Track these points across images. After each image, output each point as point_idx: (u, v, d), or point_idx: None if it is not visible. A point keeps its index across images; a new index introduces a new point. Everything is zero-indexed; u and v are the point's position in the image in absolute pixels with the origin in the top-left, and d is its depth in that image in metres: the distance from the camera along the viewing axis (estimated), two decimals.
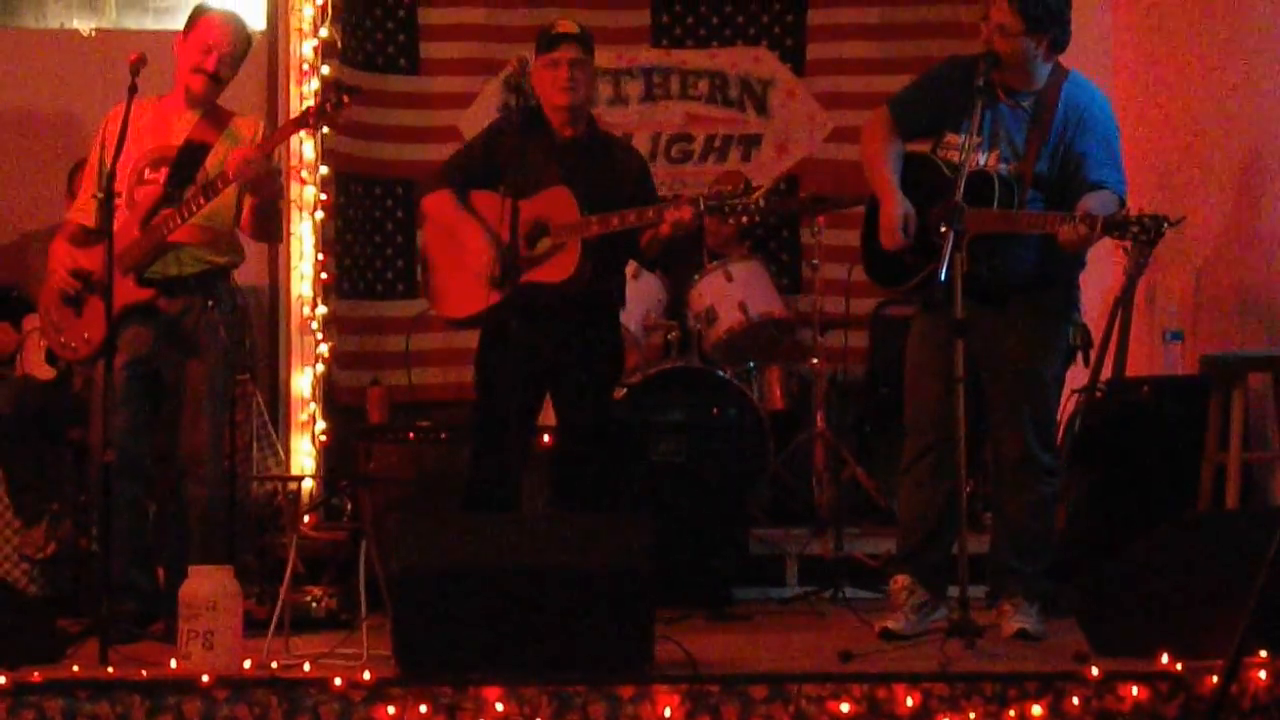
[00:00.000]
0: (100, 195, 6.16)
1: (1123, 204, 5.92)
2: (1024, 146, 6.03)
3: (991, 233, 5.87)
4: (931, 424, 6.03)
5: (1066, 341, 6.34)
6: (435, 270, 6.75)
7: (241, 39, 6.44)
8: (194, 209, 6.18)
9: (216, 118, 6.43)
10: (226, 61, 6.37)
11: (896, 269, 6.11)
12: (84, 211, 6.45)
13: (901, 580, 6.15)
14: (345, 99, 6.27)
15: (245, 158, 6.11)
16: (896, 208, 6.02)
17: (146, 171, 6.26)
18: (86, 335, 6.27)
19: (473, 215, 6.58)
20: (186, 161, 6.31)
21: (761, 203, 6.32)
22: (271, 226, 6.51)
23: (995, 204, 5.91)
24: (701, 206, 6.37)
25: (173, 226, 6.19)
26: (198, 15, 6.44)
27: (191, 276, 6.30)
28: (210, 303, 6.33)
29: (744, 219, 6.39)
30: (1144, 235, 5.71)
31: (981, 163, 5.99)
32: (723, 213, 6.36)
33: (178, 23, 6.48)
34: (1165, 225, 5.72)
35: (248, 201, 6.30)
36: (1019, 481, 6.10)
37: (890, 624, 6.03)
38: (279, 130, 6.35)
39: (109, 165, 6.01)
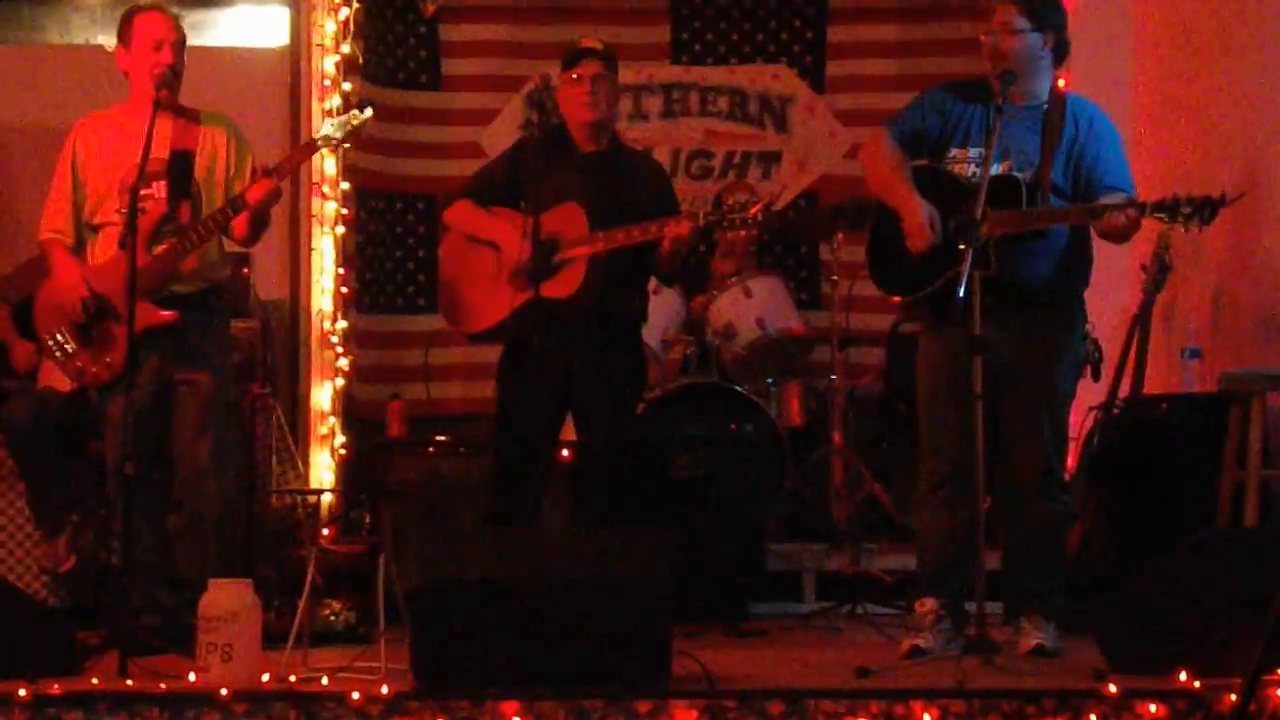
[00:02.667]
0: (94, 217, 6.23)
1: None
2: (1037, 154, 6.03)
3: (1020, 234, 5.88)
4: (951, 445, 6.02)
5: (1080, 355, 6.34)
6: (455, 284, 6.79)
7: (178, 24, 6.41)
8: (206, 234, 6.19)
9: (189, 118, 6.41)
10: (178, 49, 6.32)
11: (907, 276, 6.10)
12: (63, 231, 6.44)
13: (929, 604, 6.13)
14: (368, 122, 6.31)
15: (267, 189, 6.13)
16: (920, 208, 6.00)
17: (141, 188, 6.17)
18: (108, 360, 6.26)
19: (496, 217, 6.62)
20: (178, 173, 6.30)
21: (759, 217, 6.32)
22: (261, 235, 6.49)
23: (1024, 205, 5.92)
24: (700, 221, 6.39)
25: (186, 250, 6.20)
26: (131, 17, 6.39)
27: (192, 294, 6.32)
28: (211, 319, 6.35)
29: (742, 233, 6.40)
30: (1196, 216, 5.67)
31: (995, 172, 6.00)
32: (720, 227, 6.38)
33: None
34: (1219, 205, 5.64)
35: (245, 219, 6.29)
36: (1036, 497, 6.08)
37: (920, 642, 6.01)
38: (296, 151, 6.32)
39: (135, 184, 6.00)
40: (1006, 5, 6.05)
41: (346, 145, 8.26)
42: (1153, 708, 5.05)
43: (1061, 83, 6.35)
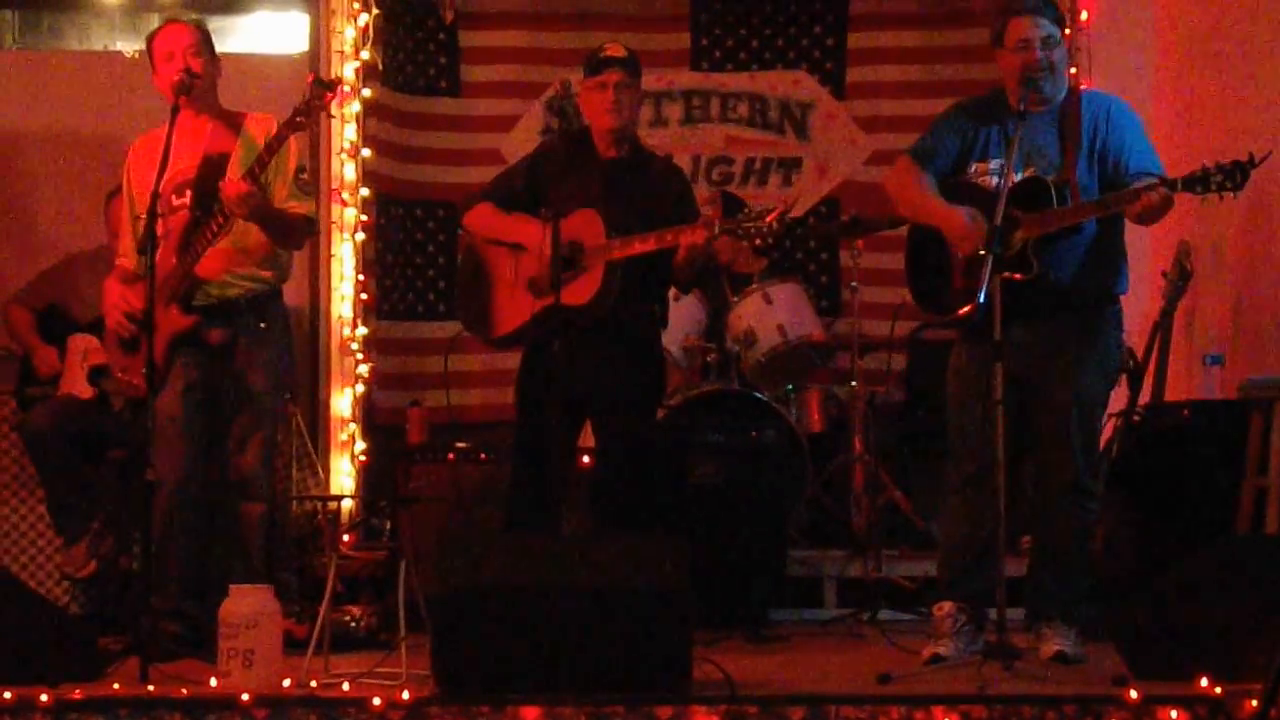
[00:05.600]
0: (141, 218, 6.20)
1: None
2: (1059, 156, 6.02)
3: (1055, 232, 5.87)
4: (976, 450, 6.00)
5: (1115, 364, 6.32)
6: (473, 289, 6.78)
7: (192, 29, 6.39)
8: (211, 237, 6.18)
9: (229, 123, 6.41)
10: (190, 53, 6.30)
11: (946, 294, 6.08)
12: (128, 254, 6.46)
13: (946, 607, 6.12)
14: (327, 96, 6.20)
15: (237, 193, 6.06)
16: (959, 213, 6.00)
17: (173, 198, 6.22)
18: (145, 372, 6.28)
19: (516, 222, 6.62)
20: (208, 178, 6.26)
21: (776, 225, 6.31)
22: (288, 235, 6.44)
23: (1054, 205, 5.91)
24: (715, 230, 6.38)
25: (197, 256, 6.20)
26: (149, 41, 6.43)
27: (242, 298, 6.31)
28: (262, 324, 6.35)
29: (757, 241, 6.39)
30: (1229, 184, 5.63)
31: (1019, 178, 5.99)
32: (736, 235, 6.37)
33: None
34: (1250, 167, 5.61)
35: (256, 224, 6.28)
36: (1063, 505, 6.06)
37: (941, 650, 6.00)
38: (266, 147, 6.24)
39: (155, 188, 6.00)
40: (1038, 18, 6.02)
41: (366, 152, 8.38)
42: (1174, 713, 5.04)
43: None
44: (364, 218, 8.67)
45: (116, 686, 5.37)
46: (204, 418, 6.30)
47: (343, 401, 8.52)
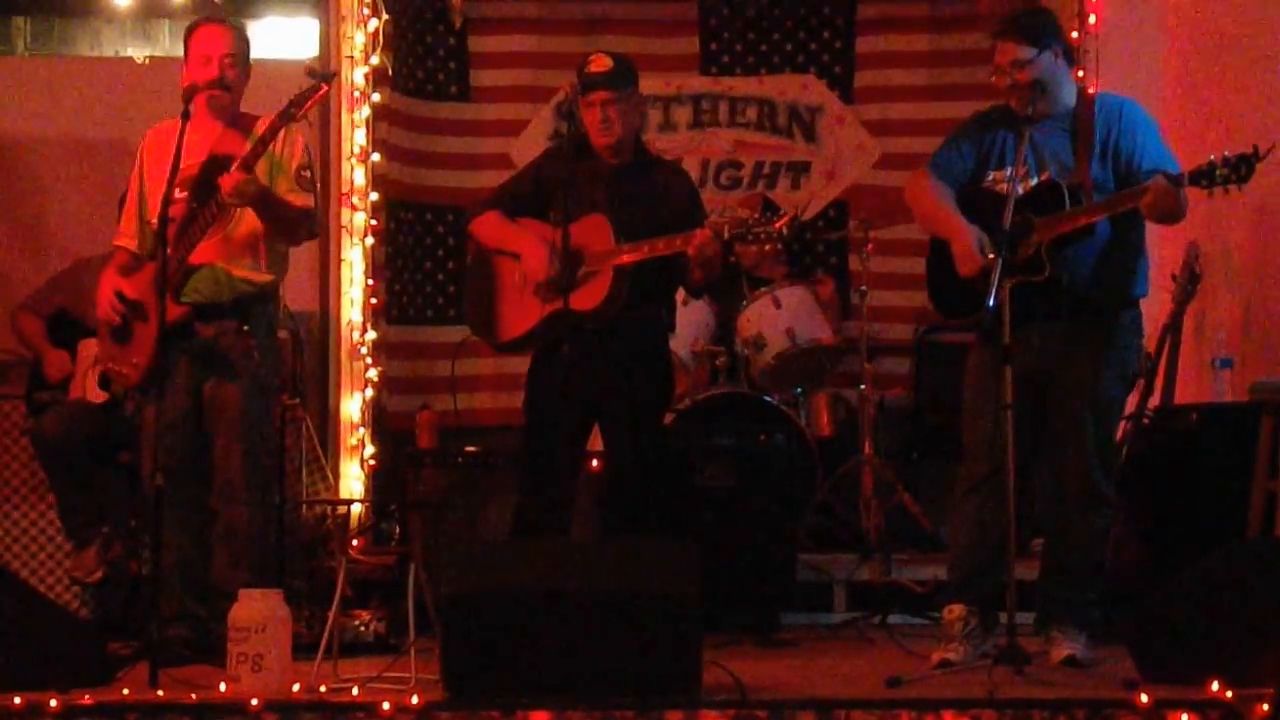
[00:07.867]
0: (153, 221, 6.21)
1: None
2: (1072, 159, 6.03)
3: (1070, 234, 5.88)
4: (988, 453, 6.00)
5: (1133, 368, 6.32)
6: (481, 295, 6.77)
7: (238, 38, 6.41)
8: (205, 226, 6.18)
9: (241, 125, 6.41)
10: (229, 63, 6.32)
11: (963, 299, 6.08)
12: (128, 236, 6.49)
13: (957, 610, 6.11)
14: (324, 86, 6.19)
15: (234, 183, 6.07)
16: (968, 233, 6.01)
17: (177, 191, 6.18)
18: (135, 360, 6.29)
19: (521, 229, 6.62)
20: (210, 176, 6.24)
21: (784, 231, 6.31)
22: (286, 226, 6.40)
23: (1068, 207, 5.92)
24: (725, 235, 6.37)
25: (193, 242, 6.20)
26: (188, 33, 6.42)
27: (230, 301, 6.31)
28: (245, 327, 6.33)
29: (766, 246, 6.38)
30: (1234, 176, 5.63)
31: (1035, 183, 6.00)
32: (745, 240, 6.37)
33: None
34: (1255, 159, 5.60)
35: (254, 212, 6.27)
36: (1077, 510, 6.06)
37: (950, 655, 5.99)
38: (259, 138, 6.25)
39: (165, 188, 6.01)
40: (1007, 43, 6.06)
41: (375, 156, 8.39)
42: (1185, 718, 5.03)
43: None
44: (373, 222, 8.68)
45: (126, 692, 5.36)
46: (194, 418, 6.31)
47: (352, 406, 8.52)
